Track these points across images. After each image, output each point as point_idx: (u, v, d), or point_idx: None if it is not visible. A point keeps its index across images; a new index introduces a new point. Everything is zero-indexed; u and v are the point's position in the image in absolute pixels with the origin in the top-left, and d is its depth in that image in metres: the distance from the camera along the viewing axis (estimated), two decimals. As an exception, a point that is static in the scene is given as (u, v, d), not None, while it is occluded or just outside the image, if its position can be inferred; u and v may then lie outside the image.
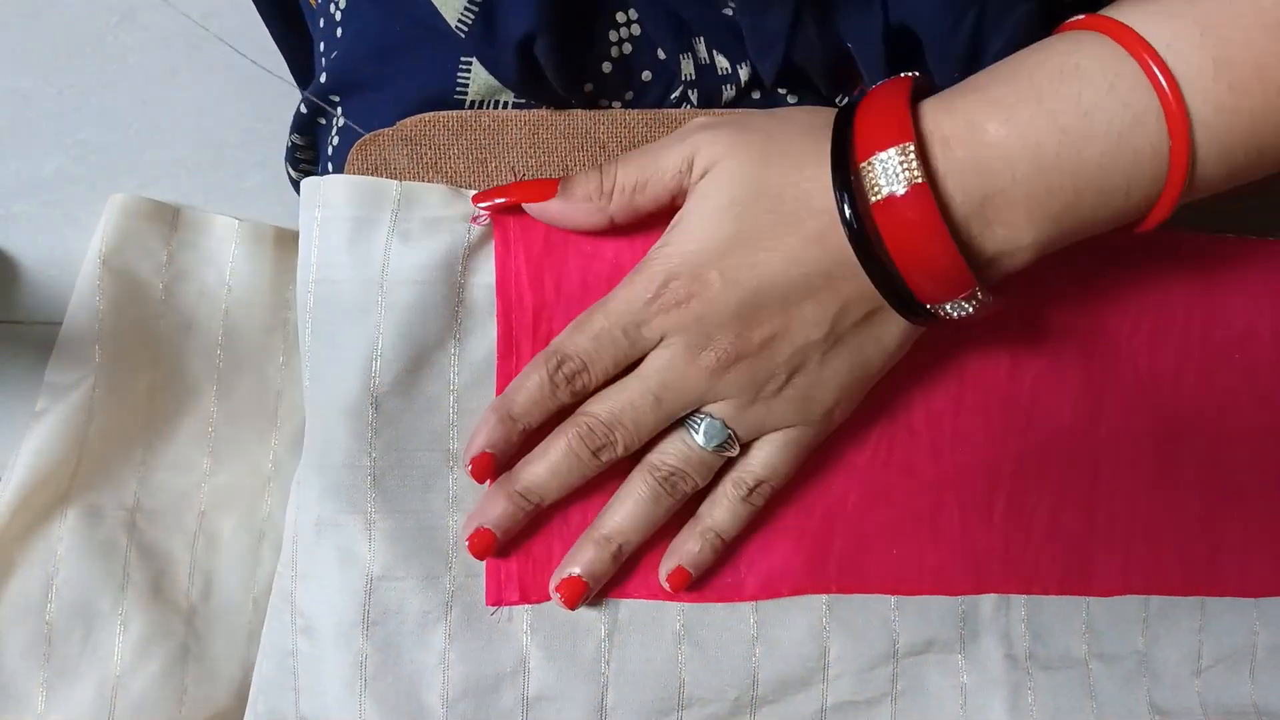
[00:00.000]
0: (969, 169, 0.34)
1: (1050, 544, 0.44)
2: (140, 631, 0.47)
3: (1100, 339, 0.44)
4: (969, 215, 0.34)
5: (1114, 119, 0.34)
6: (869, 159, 0.34)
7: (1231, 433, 0.46)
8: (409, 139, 0.40)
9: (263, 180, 0.52)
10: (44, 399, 0.47)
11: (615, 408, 0.37)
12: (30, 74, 0.50)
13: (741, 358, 0.37)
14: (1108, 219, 0.36)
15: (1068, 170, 0.34)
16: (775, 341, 0.37)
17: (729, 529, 0.40)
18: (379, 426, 0.39)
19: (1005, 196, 0.34)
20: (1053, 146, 0.34)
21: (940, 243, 0.33)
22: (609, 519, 0.39)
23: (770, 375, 0.37)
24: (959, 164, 0.34)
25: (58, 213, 0.50)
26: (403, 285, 0.39)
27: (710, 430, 0.38)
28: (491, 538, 0.39)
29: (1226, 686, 0.46)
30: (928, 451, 0.43)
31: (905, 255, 0.34)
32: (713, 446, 0.38)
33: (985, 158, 0.34)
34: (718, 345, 0.36)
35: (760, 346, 0.37)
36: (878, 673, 0.42)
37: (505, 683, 0.39)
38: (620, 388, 0.38)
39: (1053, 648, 0.44)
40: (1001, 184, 0.34)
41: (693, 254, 0.36)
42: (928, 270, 0.34)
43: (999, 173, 0.34)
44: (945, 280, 0.34)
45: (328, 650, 0.39)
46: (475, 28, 0.38)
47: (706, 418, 0.38)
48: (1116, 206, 0.35)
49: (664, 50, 0.41)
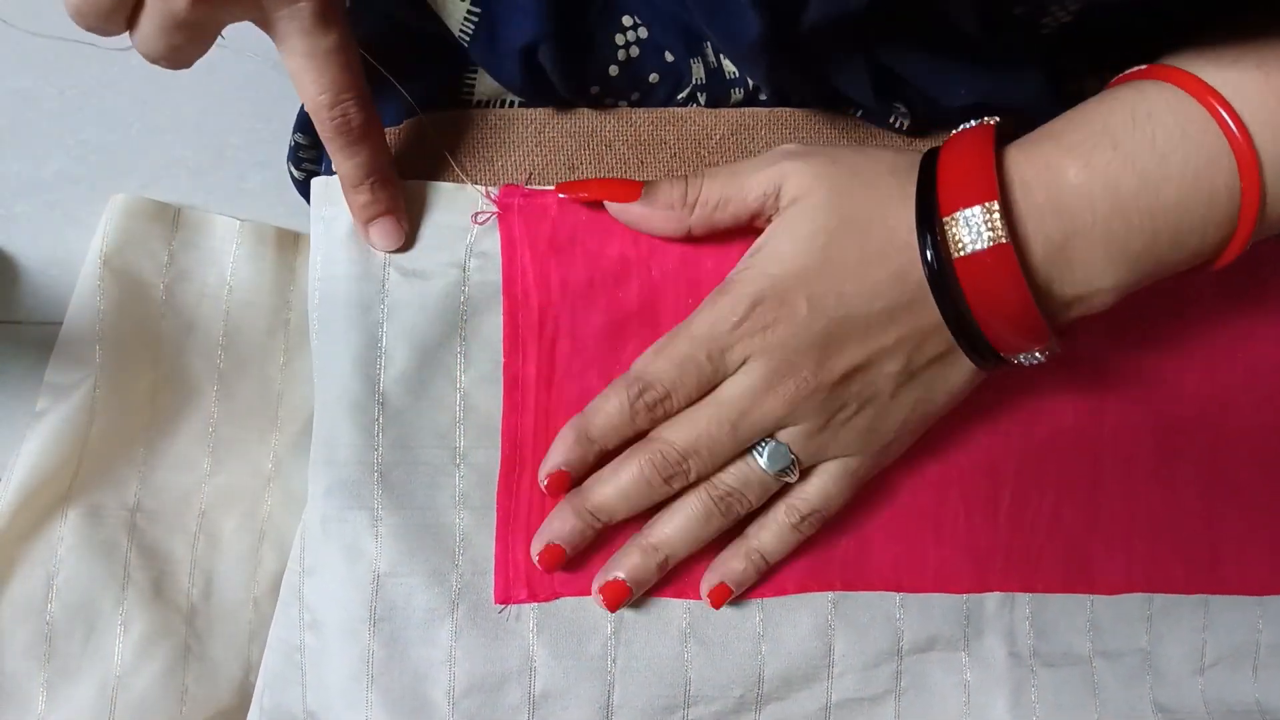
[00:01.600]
0: (1049, 212, 0.35)
1: (1053, 542, 0.44)
2: (141, 631, 0.47)
3: (1102, 338, 0.44)
4: (1049, 258, 0.35)
5: (1188, 161, 0.34)
6: (953, 214, 0.34)
7: (1233, 431, 0.46)
8: (415, 137, 0.40)
9: (264, 181, 0.52)
10: (44, 399, 0.47)
11: (691, 436, 0.37)
12: (31, 74, 0.50)
13: (820, 388, 0.37)
14: (1184, 260, 0.36)
15: (1146, 211, 0.35)
16: (853, 373, 0.37)
17: (775, 553, 0.40)
18: (385, 423, 0.39)
19: (1085, 238, 0.35)
20: (1131, 187, 0.34)
21: (1019, 298, 0.34)
22: (659, 529, 0.39)
23: (843, 405, 0.37)
24: (1039, 208, 0.35)
25: (59, 213, 0.50)
26: (405, 282, 0.39)
27: (775, 455, 0.38)
28: (560, 553, 0.39)
29: (1229, 685, 0.46)
30: (932, 451, 0.43)
31: (985, 308, 0.35)
32: (775, 471, 0.38)
33: (1066, 200, 0.35)
34: (799, 374, 0.36)
35: (839, 377, 0.37)
36: (882, 670, 0.42)
37: (511, 680, 0.39)
38: (696, 415, 0.38)
39: (1056, 645, 0.44)
40: (1081, 225, 0.35)
41: (779, 278, 0.36)
42: (1006, 322, 0.35)
43: (1079, 214, 0.35)
44: (1022, 331, 0.35)
45: (334, 645, 0.39)
46: (478, 36, 0.38)
47: (772, 442, 0.38)
48: (1193, 247, 0.36)
49: (672, 54, 0.41)
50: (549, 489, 0.39)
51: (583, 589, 0.40)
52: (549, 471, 0.39)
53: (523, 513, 0.40)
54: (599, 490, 0.39)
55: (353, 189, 0.38)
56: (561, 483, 0.39)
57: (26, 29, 0.38)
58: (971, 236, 0.34)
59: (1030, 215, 0.35)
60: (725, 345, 0.37)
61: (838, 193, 0.36)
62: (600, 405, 0.38)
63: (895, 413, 0.38)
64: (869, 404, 0.38)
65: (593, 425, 0.38)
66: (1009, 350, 0.36)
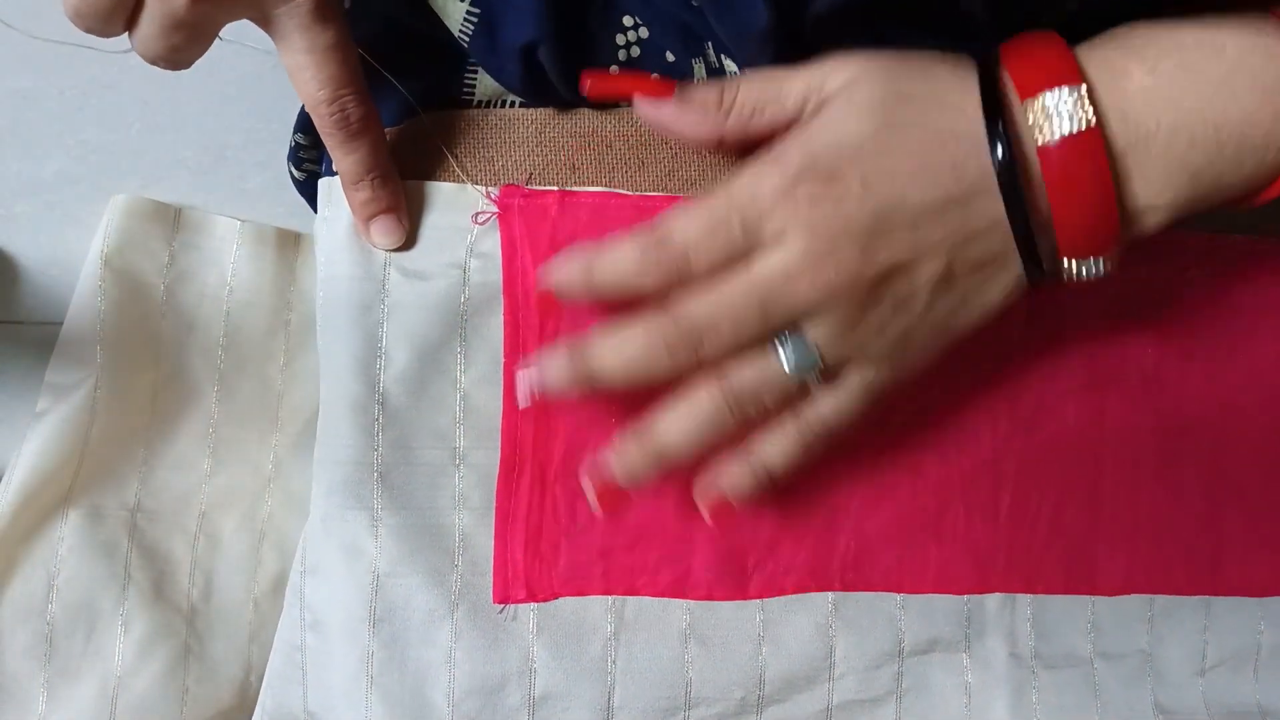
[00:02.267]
0: (1115, 117, 0.33)
1: (1055, 543, 0.44)
2: (142, 632, 0.47)
3: (1104, 338, 0.44)
4: (1111, 166, 0.33)
5: (1258, 74, 0.33)
6: (1035, 96, 0.32)
7: (1235, 432, 0.46)
8: (415, 137, 0.40)
9: (264, 181, 0.52)
10: (45, 399, 0.47)
11: (715, 310, 0.34)
12: (31, 74, 0.50)
13: (860, 278, 0.33)
14: (1241, 182, 0.34)
15: (1211, 122, 0.33)
16: (896, 269, 0.34)
17: (781, 469, 0.37)
18: (385, 423, 0.39)
19: (1146, 148, 0.33)
20: (1197, 96, 0.33)
21: (1102, 195, 0.32)
22: (661, 424, 0.36)
23: (878, 304, 0.34)
24: (1104, 111, 0.33)
25: (59, 213, 0.50)
26: (406, 283, 0.39)
27: (801, 355, 0.34)
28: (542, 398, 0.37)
29: (1230, 686, 0.46)
30: (933, 451, 0.43)
31: (1064, 201, 0.33)
32: (799, 371, 0.34)
33: (1130, 106, 0.33)
34: (840, 258, 0.33)
35: (881, 271, 0.33)
36: (883, 671, 0.42)
37: (511, 681, 0.39)
38: (723, 288, 0.34)
39: (1057, 646, 0.44)
40: (1144, 133, 0.33)
41: (833, 146, 0.33)
42: (1085, 217, 0.33)
43: (1143, 121, 0.33)
44: (1100, 229, 0.33)
45: (335, 646, 0.39)
46: (477, 36, 0.38)
47: (798, 340, 0.34)
48: (1253, 167, 0.34)
49: (673, 54, 0.41)
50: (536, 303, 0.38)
51: (582, 589, 0.40)
52: (543, 290, 0.36)
53: (522, 513, 0.40)
54: (598, 344, 0.35)
55: (352, 185, 0.38)
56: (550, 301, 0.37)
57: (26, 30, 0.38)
58: (1059, 119, 0.32)
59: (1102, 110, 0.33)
60: (764, 212, 0.33)
61: (892, 73, 0.34)
62: (611, 250, 0.35)
63: (928, 321, 0.35)
64: (904, 309, 0.34)
65: (595, 268, 0.35)
66: (1075, 253, 0.34)
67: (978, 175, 0.33)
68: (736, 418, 0.35)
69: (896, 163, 0.33)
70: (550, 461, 0.40)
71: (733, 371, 0.35)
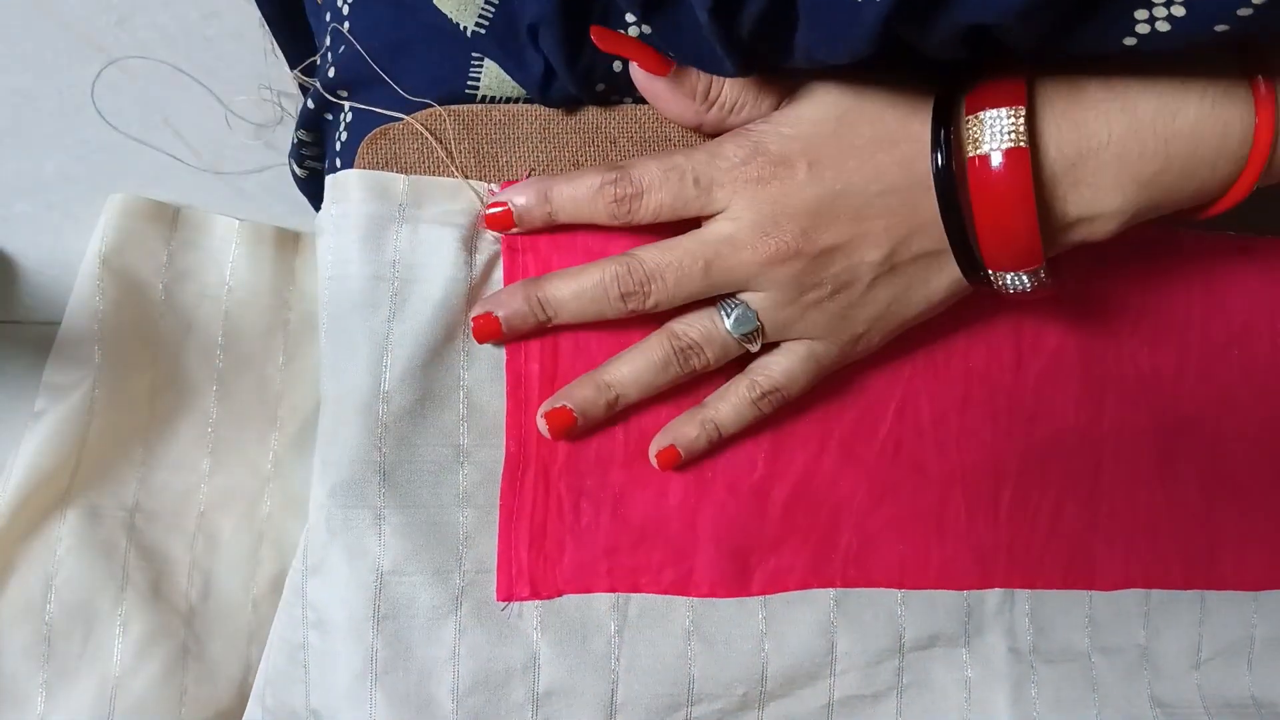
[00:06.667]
0: (1067, 125, 0.35)
1: (1054, 539, 0.44)
2: (140, 632, 0.46)
3: (1102, 337, 0.45)
4: (1060, 174, 0.35)
5: (1207, 89, 0.35)
6: (977, 113, 0.35)
7: (1230, 429, 0.46)
8: (419, 133, 0.40)
9: (264, 181, 0.52)
10: (43, 399, 0.47)
11: (663, 261, 0.37)
12: (30, 74, 0.49)
13: (799, 255, 0.37)
14: (1190, 193, 0.36)
15: (1162, 135, 0.35)
16: (835, 251, 0.37)
17: (731, 425, 0.40)
18: (389, 422, 0.39)
19: (1098, 157, 0.35)
20: (1150, 109, 0.35)
21: (1023, 211, 0.34)
22: (614, 368, 0.39)
23: (817, 283, 0.37)
24: (1058, 117, 0.35)
25: (58, 213, 0.50)
26: (411, 280, 0.39)
27: (741, 317, 0.38)
28: (495, 324, 0.39)
29: (1225, 679, 0.46)
30: (934, 448, 0.43)
31: (986, 216, 0.35)
32: (739, 333, 0.38)
33: (1083, 115, 0.35)
34: (781, 235, 0.36)
35: (820, 251, 0.37)
36: (884, 667, 0.43)
37: (515, 678, 0.39)
38: (674, 243, 0.38)
39: (1055, 641, 0.44)
40: (1095, 144, 0.35)
41: (788, 138, 0.37)
42: (1003, 236, 0.35)
43: (1095, 132, 0.35)
44: (1016, 250, 0.35)
45: (339, 644, 0.39)
46: (495, 24, 0.38)
47: (740, 305, 0.38)
48: (1202, 179, 0.36)
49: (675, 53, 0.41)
50: (488, 221, 0.39)
51: (586, 587, 0.40)
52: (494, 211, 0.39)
53: (526, 511, 0.40)
54: (556, 282, 0.39)
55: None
56: (504, 219, 0.39)
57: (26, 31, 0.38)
58: (990, 137, 0.34)
59: (1049, 126, 0.35)
60: (715, 180, 0.37)
61: (859, 81, 0.37)
62: (570, 179, 0.38)
63: (869, 305, 0.38)
64: (844, 289, 0.38)
65: (553, 194, 0.38)
66: (999, 267, 0.36)
67: (924, 174, 0.36)
68: (682, 367, 0.39)
69: (845, 154, 0.36)
70: (554, 459, 0.40)
71: (681, 327, 0.39)
